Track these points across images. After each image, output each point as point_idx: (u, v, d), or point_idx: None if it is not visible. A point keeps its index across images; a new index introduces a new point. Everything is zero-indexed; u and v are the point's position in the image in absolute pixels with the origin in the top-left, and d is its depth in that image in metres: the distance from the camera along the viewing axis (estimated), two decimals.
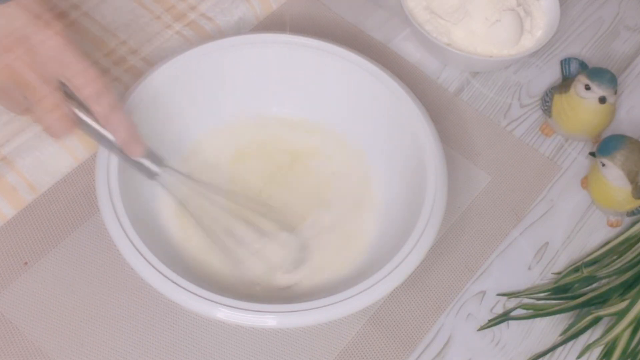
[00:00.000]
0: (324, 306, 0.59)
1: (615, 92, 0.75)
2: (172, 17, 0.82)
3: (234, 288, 0.65)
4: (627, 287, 0.69)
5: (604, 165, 0.72)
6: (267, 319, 0.59)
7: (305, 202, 0.72)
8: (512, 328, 0.69)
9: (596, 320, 0.68)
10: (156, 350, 0.64)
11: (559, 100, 0.77)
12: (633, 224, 0.74)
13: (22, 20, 0.59)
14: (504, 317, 0.69)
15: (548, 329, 0.69)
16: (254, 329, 0.65)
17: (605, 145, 0.73)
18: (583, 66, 0.83)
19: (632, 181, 0.71)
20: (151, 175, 0.65)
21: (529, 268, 0.72)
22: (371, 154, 0.74)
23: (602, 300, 0.69)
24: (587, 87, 0.74)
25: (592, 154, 0.75)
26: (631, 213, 0.74)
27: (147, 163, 0.64)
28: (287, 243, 0.68)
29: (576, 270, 0.71)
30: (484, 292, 0.70)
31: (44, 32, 0.59)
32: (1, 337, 0.63)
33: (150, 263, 0.60)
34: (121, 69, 0.77)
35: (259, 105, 0.75)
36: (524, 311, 0.69)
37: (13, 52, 0.58)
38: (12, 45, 0.58)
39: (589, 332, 0.68)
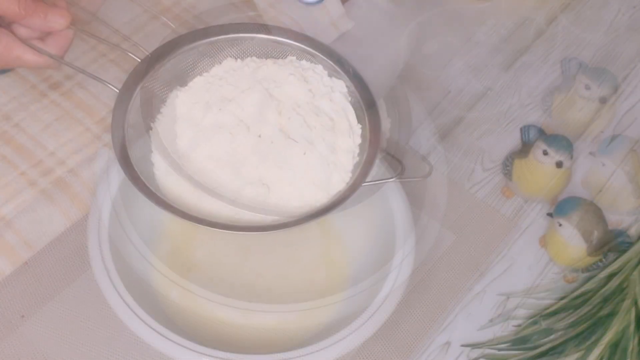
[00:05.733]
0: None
1: (572, 157, 0.77)
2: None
3: (228, 344, 0.67)
4: (582, 338, 0.71)
5: (560, 225, 0.75)
6: None
7: None
8: None
9: None
10: None
11: (519, 165, 0.79)
12: (588, 279, 0.75)
13: None
14: None
15: None
16: None
17: (562, 207, 0.75)
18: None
19: (587, 240, 0.74)
20: None
21: (491, 320, 0.73)
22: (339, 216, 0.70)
23: (559, 351, 0.71)
24: (545, 153, 0.77)
25: (550, 214, 0.78)
26: (587, 269, 0.76)
27: None
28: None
29: (535, 322, 0.73)
30: (449, 343, 0.72)
31: None
32: None
33: (140, 318, 0.61)
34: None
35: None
36: None
37: None
38: None
39: None
